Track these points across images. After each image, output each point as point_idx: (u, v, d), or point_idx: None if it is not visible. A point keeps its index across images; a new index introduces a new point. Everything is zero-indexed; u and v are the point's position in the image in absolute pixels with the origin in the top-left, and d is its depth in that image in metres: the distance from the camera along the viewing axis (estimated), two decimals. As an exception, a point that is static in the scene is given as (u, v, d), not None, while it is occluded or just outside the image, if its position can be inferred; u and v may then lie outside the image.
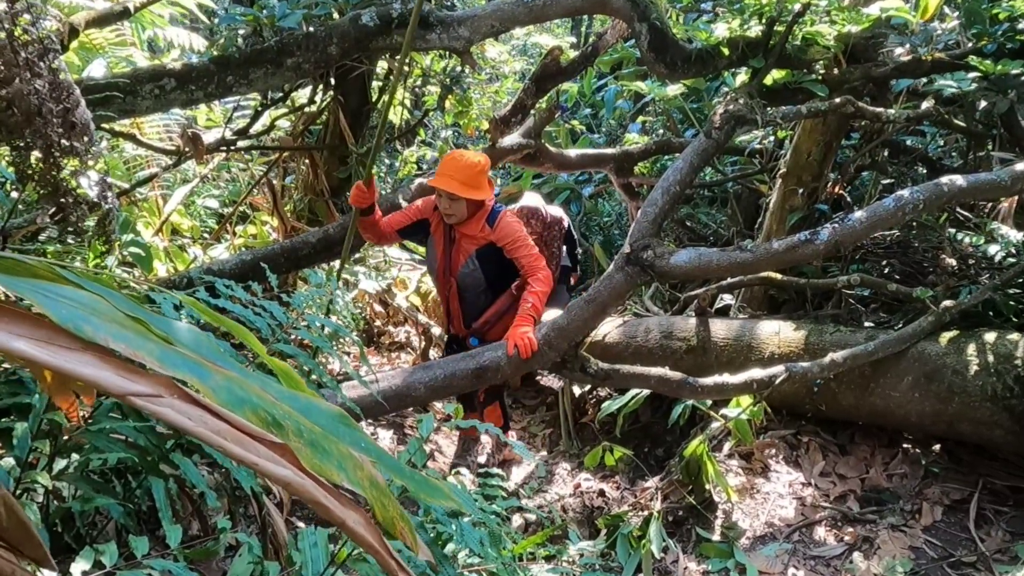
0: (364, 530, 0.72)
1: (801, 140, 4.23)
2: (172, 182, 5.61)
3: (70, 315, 0.63)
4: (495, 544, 1.52)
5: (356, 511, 0.73)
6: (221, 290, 2.11)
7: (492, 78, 6.11)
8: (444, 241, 3.59)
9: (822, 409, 3.56)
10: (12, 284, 0.63)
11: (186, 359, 0.67)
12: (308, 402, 0.78)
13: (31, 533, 0.99)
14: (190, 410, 0.63)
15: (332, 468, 0.71)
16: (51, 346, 0.60)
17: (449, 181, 3.33)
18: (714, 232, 5.74)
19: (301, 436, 0.70)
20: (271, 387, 0.77)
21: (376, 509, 0.77)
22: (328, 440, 0.72)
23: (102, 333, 0.64)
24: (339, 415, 0.82)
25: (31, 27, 1.96)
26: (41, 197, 2.28)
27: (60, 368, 0.59)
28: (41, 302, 0.62)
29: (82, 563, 1.35)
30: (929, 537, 3.03)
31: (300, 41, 3.44)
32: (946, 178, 2.99)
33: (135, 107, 3.25)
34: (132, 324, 0.68)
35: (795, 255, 2.97)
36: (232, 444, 0.63)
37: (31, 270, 0.72)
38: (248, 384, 0.70)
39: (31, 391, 1.81)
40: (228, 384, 0.68)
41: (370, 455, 0.80)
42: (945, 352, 3.15)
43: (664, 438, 4.15)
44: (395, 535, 0.82)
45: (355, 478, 0.74)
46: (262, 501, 1.99)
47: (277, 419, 0.69)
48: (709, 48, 3.79)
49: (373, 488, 0.75)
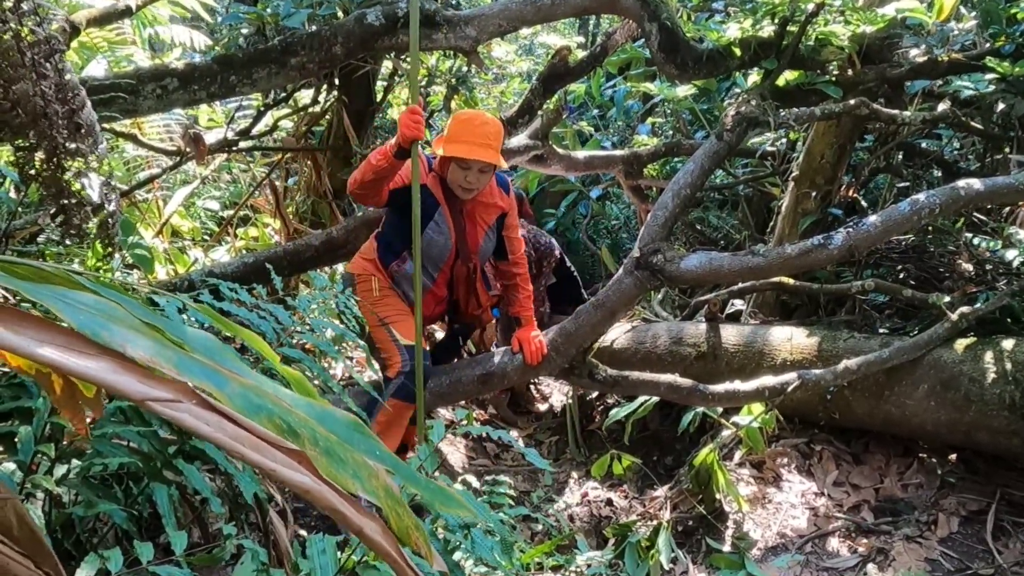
0: (381, 539, 0.74)
1: (814, 142, 4.23)
2: (173, 183, 5.64)
3: (88, 321, 0.65)
4: (506, 553, 1.54)
5: (373, 519, 0.74)
6: (225, 293, 2.12)
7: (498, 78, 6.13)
8: (453, 215, 3.09)
9: (835, 417, 3.56)
10: (31, 291, 0.65)
11: (203, 366, 0.69)
12: (323, 410, 0.80)
13: (40, 541, 1.01)
14: (208, 416, 0.64)
15: (347, 477, 0.73)
16: (72, 352, 0.61)
17: (486, 150, 2.85)
18: (725, 236, 5.74)
19: (317, 444, 0.71)
20: (285, 394, 0.79)
21: (391, 519, 0.78)
22: (344, 448, 0.74)
23: (119, 339, 0.65)
24: (354, 423, 0.83)
25: (38, 28, 1.98)
26: (44, 198, 2.30)
27: (81, 374, 0.60)
28: (60, 308, 0.64)
29: (86, 569, 1.37)
30: (945, 549, 3.02)
31: (304, 40, 3.47)
32: (963, 182, 2.99)
33: (137, 107, 3.27)
34: (148, 331, 0.70)
35: (808, 260, 2.98)
36: (250, 450, 0.64)
37: (48, 276, 0.74)
38: (264, 391, 0.72)
39: (33, 395, 1.82)
40: (244, 391, 0.70)
41: (385, 464, 0.81)
42: (962, 359, 3.15)
43: (673, 446, 4.15)
44: (410, 545, 0.83)
45: (370, 487, 0.75)
46: (265, 508, 2.00)
47: (293, 427, 0.71)
48: (720, 48, 3.80)
49: (388, 498, 0.77)
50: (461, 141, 2.86)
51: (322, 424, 0.75)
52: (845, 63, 3.89)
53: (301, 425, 0.71)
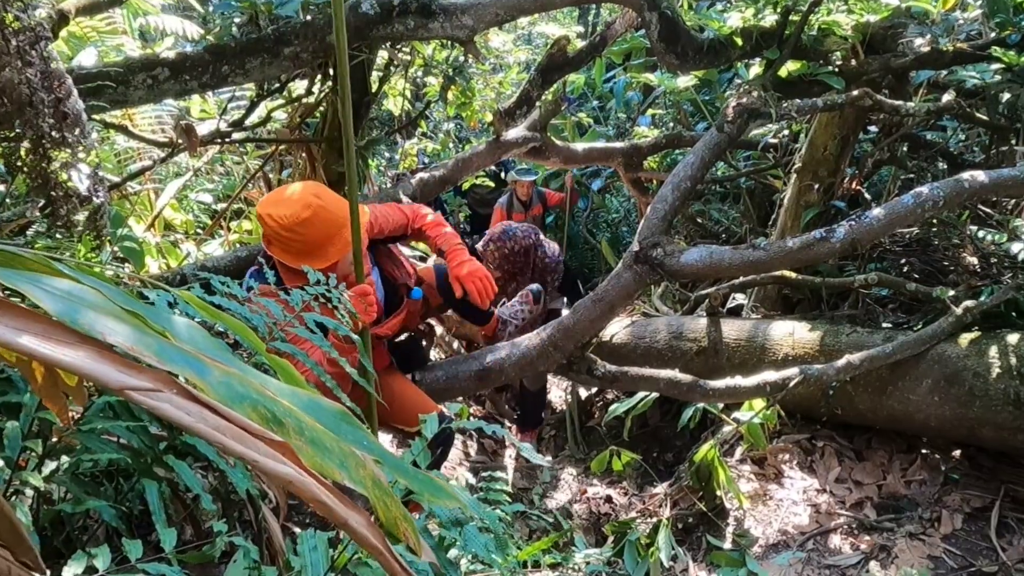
0: (367, 531, 0.73)
1: (817, 134, 4.23)
2: (164, 175, 5.63)
3: (66, 308, 0.64)
4: (501, 550, 1.53)
5: (359, 512, 0.73)
6: (217, 287, 2.11)
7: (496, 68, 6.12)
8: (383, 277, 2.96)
9: (838, 413, 3.56)
10: (6, 276, 0.64)
11: (184, 354, 0.68)
12: (309, 399, 0.79)
13: (22, 536, 1.00)
14: (189, 406, 0.63)
15: (334, 466, 0.72)
16: (49, 340, 0.61)
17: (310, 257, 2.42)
18: (726, 229, 5.74)
19: (302, 434, 0.71)
20: (271, 384, 0.78)
21: (379, 510, 0.77)
22: (330, 438, 0.73)
23: (99, 327, 0.65)
24: (341, 413, 0.82)
25: (23, 14, 1.97)
26: (31, 190, 2.29)
27: (59, 363, 0.59)
28: (37, 295, 0.63)
29: (74, 567, 1.36)
30: (949, 546, 3.02)
31: (298, 30, 3.45)
32: (967, 174, 2.98)
33: (127, 97, 3.26)
34: (129, 318, 0.69)
35: (810, 254, 2.97)
36: (232, 441, 0.64)
37: (24, 262, 0.73)
38: (248, 380, 0.71)
39: (20, 390, 1.82)
40: (227, 380, 0.69)
41: (373, 454, 0.81)
42: (966, 354, 3.15)
43: (673, 442, 4.15)
44: (398, 536, 0.82)
45: (357, 477, 0.74)
46: (258, 505, 2.00)
47: (277, 416, 0.70)
48: (722, 38, 3.79)
49: (376, 488, 0.76)
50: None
51: (308, 413, 0.74)
52: (848, 53, 3.88)
53: (286, 414, 0.71)
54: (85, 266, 0.85)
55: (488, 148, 4.52)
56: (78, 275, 0.70)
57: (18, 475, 1.63)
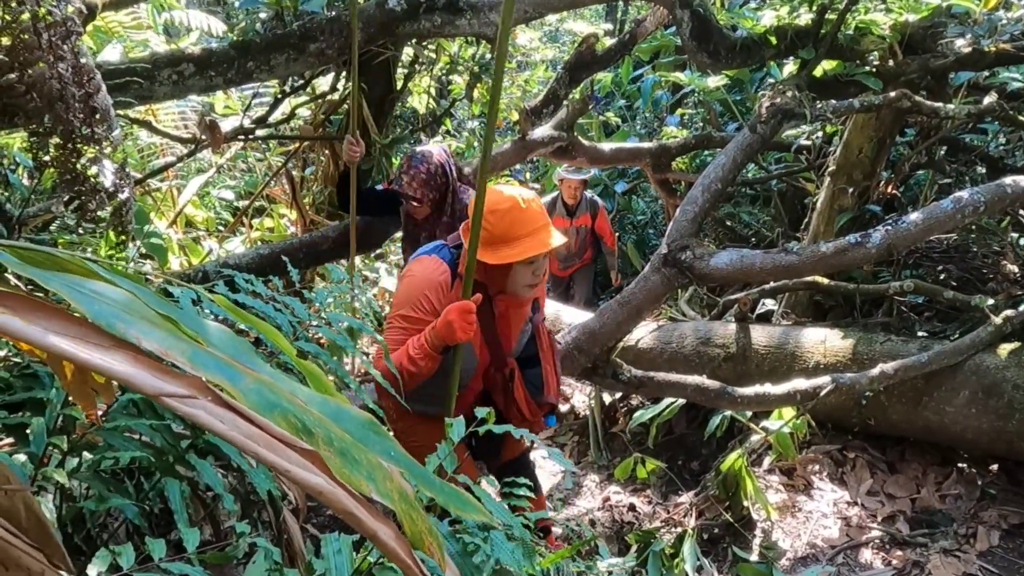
0: (396, 544, 0.74)
1: (852, 136, 4.18)
2: (187, 172, 5.70)
3: (102, 312, 0.65)
4: (529, 558, 1.53)
5: (387, 524, 0.74)
6: (240, 285, 2.13)
7: (522, 66, 6.12)
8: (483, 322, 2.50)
9: (870, 423, 3.52)
10: (44, 278, 0.65)
11: (217, 360, 0.69)
12: (338, 408, 0.80)
13: (49, 533, 1.02)
14: (223, 413, 0.64)
15: (361, 478, 0.72)
16: (84, 343, 0.62)
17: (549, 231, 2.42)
18: (756, 233, 5.70)
19: (331, 444, 0.71)
20: (301, 391, 0.79)
21: (405, 523, 0.78)
22: (358, 449, 0.73)
23: (134, 331, 0.66)
24: (369, 422, 0.83)
25: (55, 7, 2.00)
26: (58, 185, 2.33)
27: (95, 366, 0.60)
28: (74, 297, 0.64)
29: (98, 564, 1.38)
30: (985, 563, 2.98)
31: (323, 26, 3.48)
32: (1009, 178, 2.95)
33: (153, 93, 3.31)
34: (163, 322, 0.70)
35: (845, 259, 2.94)
36: (265, 449, 0.64)
37: (61, 264, 0.75)
38: (279, 388, 0.72)
39: (46, 386, 1.85)
40: (259, 387, 0.70)
41: (400, 465, 0.81)
42: (1005, 365, 3.10)
43: (700, 451, 4.13)
44: (423, 550, 0.83)
45: (384, 489, 0.75)
46: (279, 506, 2.02)
47: (308, 425, 0.71)
48: (755, 37, 3.77)
49: (402, 501, 0.76)
50: (521, 236, 2.35)
51: (337, 423, 0.75)
52: (886, 53, 3.84)
53: (316, 424, 0.71)
54: (118, 267, 0.87)
55: (514, 147, 4.52)
56: (114, 277, 0.72)
57: (42, 471, 1.66)
